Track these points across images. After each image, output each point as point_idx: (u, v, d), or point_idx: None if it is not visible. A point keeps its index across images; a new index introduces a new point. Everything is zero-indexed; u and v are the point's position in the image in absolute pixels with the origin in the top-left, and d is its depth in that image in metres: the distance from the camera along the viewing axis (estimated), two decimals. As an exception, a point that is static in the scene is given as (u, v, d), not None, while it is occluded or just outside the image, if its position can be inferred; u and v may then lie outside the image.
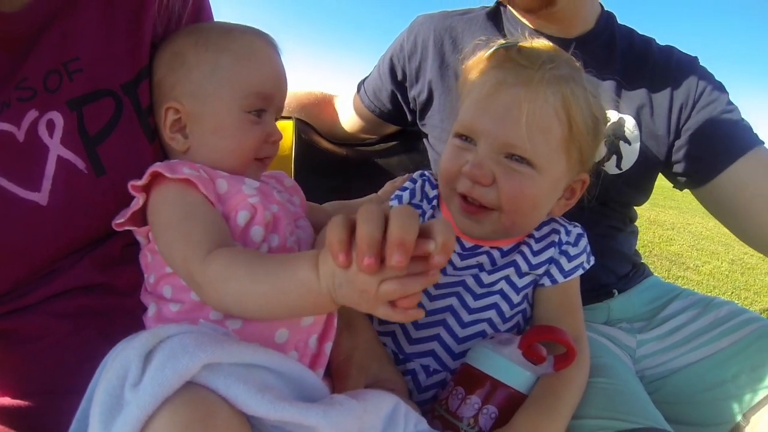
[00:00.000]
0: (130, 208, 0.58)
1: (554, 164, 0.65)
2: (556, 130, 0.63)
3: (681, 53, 0.97)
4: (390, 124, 1.15)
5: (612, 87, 0.91)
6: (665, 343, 0.92)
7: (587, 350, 0.73)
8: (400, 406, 0.53)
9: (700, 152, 0.90)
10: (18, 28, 0.54)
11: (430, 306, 0.71)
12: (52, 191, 0.56)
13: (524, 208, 0.66)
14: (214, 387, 0.40)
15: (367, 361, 0.63)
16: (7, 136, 0.54)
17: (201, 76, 0.60)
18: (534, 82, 0.61)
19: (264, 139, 0.63)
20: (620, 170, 0.92)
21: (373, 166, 1.19)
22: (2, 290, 0.55)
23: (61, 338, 0.57)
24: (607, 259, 0.94)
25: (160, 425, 0.37)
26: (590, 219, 0.82)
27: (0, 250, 0.53)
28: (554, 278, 0.73)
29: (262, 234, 0.58)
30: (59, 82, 0.57)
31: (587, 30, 0.94)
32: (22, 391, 0.56)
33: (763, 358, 0.82)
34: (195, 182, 0.54)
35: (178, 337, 0.42)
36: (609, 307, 0.96)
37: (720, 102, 0.90)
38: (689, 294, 1.00)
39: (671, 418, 0.87)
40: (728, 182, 0.88)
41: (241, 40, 0.63)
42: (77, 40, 0.58)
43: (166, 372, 0.38)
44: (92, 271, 0.60)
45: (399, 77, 1.05)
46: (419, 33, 1.01)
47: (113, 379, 0.41)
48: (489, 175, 0.63)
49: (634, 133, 0.91)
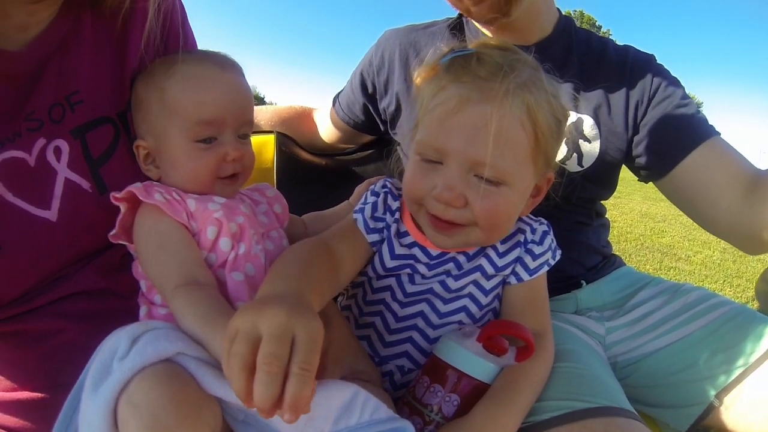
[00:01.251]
0: (118, 219, 0.65)
1: (523, 176, 0.64)
2: (524, 142, 0.61)
3: (637, 51, 1.00)
4: (365, 134, 1.21)
5: (570, 89, 0.93)
6: (635, 329, 0.95)
7: (551, 344, 0.75)
8: (359, 396, 0.55)
9: (658, 146, 0.94)
10: (22, 66, 0.61)
11: (401, 312, 0.74)
12: (61, 209, 0.63)
13: (499, 224, 0.66)
14: (185, 366, 0.47)
15: (342, 354, 0.67)
16: (21, 161, 0.61)
17: (152, 115, 0.67)
18: (499, 97, 0.58)
19: (218, 161, 0.67)
20: (582, 167, 0.95)
21: (352, 174, 1.25)
22: (14, 296, 0.61)
23: (68, 337, 0.64)
24: (574, 252, 0.97)
25: (135, 382, 0.44)
26: (555, 215, 0.84)
27: (15, 262, 0.60)
28: (520, 277, 0.74)
29: (230, 243, 0.63)
30: (63, 113, 0.64)
31: (545, 36, 0.98)
32: (34, 385, 0.63)
33: (733, 340, 0.85)
34: (162, 209, 0.61)
35: (163, 330, 0.51)
36: (577, 297, 0.99)
37: (675, 96, 0.94)
38: (659, 282, 1.03)
39: (646, 401, 0.91)
40: (686, 172, 0.91)
41: (181, 73, 0.66)
42: (75, 76, 0.65)
43: (148, 349, 0.46)
44: (95, 277, 0.67)
45: (369, 90, 1.10)
46: (386, 48, 1.06)
47: (105, 353, 0.49)
48: (461, 198, 0.61)
49: (593, 132, 0.94)
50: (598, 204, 1.06)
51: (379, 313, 0.75)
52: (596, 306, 1.00)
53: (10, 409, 0.63)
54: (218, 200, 0.67)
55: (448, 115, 0.60)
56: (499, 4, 0.86)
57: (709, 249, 4.77)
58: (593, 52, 0.99)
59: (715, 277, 3.88)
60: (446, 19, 1.08)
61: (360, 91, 1.12)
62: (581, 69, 0.96)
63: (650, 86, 0.95)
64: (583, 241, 1.01)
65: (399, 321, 0.74)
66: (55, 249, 0.63)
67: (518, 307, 0.75)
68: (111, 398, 0.44)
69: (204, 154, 0.66)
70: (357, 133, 1.21)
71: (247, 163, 0.71)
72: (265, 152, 1.17)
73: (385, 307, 0.75)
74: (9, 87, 0.60)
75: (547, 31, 0.99)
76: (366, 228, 0.72)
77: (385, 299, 0.75)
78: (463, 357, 0.65)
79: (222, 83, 0.67)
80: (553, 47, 0.96)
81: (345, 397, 0.54)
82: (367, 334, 0.76)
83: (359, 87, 1.12)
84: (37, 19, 0.62)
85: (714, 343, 0.87)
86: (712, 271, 4.09)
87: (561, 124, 0.66)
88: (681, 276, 3.83)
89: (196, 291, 0.56)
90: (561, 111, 0.66)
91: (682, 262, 4.23)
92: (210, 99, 0.65)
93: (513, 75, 0.60)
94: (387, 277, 0.75)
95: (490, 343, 0.66)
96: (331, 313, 0.71)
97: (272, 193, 0.80)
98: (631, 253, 4.21)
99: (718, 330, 0.88)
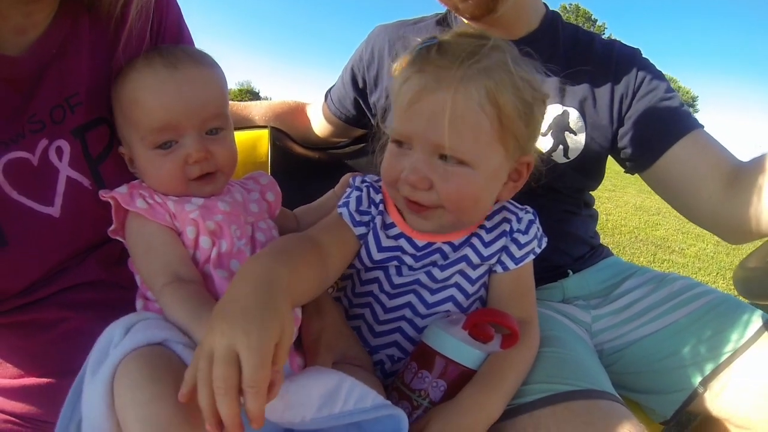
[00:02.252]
0: (113, 214, 0.68)
1: (489, 158, 0.65)
2: (486, 125, 0.62)
3: (623, 46, 1.02)
4: (356, 128, 1.23)
5: (556, 82, 0.96)
6: (620, 317, 0.97)
7: (537, 331, 0.77)
8: (343, 384, 0.56)
9: (642, 138, 0.95)
10: (23, 71, 0.63)
11: (389, 303, 0.76)
12: (63, 205, 0.66)
13: (466, 206, 0.67)
14: (173, 350, 0.52)
15: (334, 340, 0.69)
16: (25, 161, 0.63)
17: (118, 124, 0.70)
18: (454, 82, 0.61)
19: (180, 165, 0.66)
20: (568, 159, 0.97)
21: (345, 168, 1.26)
22: (20, 288, 0.64)
23: (73, 325, 0.67)
24: (561, 242, 0.99)
25: (125, 361, 0.49)
26: (544, 204, 0.86)
27: (21, 256, 0.63)
28: (506, 265, 0.75)
29: (209, 241, 0.66)
30: (63, 115, 0.66)
31: (531, 30, 1.00)
32: (40, 372, 0.66)
33: (718, 328, 0.87)
34: (143, 215, 0.65)
35: (154, 320, 0.56)
36: (563, 286, 1.01)
37: (659, 90, 0.95)
38: (645, 271, 1.05)
39: (631, 387, 0.93)
40: (669, 163, 0.93)
41: (130, 80, 0.66)
42: (74, 78, 0.67)
43: (138, 336, 0.51)
44: (96, 269, 0.70)
45: (360, 85, 1.12)
46: (375, 43, 1.08)
47: (103, 342, 0.54)
48: (426, 180, 0.64)
49: (579, 125, 0.96)
50: (586, 194, 1.08)
51: (368, 305, 0.77)
52: (583, 295, 1.02)
53: (17, 395, 0.65)
54: (195, 201, 0.68)
55: (411, 103, 0.64)
56: (486, 0, 0.87)
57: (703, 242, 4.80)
58: (579, 46, 1.01)
59: (708, 270, 3.92)
60: (435, 14, 1.09)
61: (351, 85, 1.13)
62: (567, 63, 0.97)
63: (635, 80, 0.96)
64: (571, 231, 1.03)
65: (387, 312, 0.76)
66: (59, 243, 0.66)
67: (504, 295, 0.76)
68: (107, 380, 0.48)
69: (164, 161, 0.66)
70: (348, 127, 1.23)
71: (220, 160, 0.69)
72: (260, 147, 1.18)
73: (374, 299, 0.77)
74: (11, 91, 0.62)
75: (534, 26, 1.00)
76: (352, 221, 0.74)
77: (373, 291, 0.77)
78: (450, 344, 0.67)
79: (171, 84, 0.65)
80: (539, 41, 0.97)
81: (328, 386, 0.55)
82: (357, 325, 0.78)
83: (350, 82, 1.13)
84: (34, 22, 0.63)
85: (698, 331, 0.88)
86: (705, 263, 4.13)
87: (531, 106, 0.66)
88: (674, 268, 3.86)
89: (181, 288, 0.60)
90: (531, 94, 0.66)
91: (676, 255, 4.26)
92: (157, 104, 0.64)
93: (471, 61, 0.61)
94: (375, 269, 0.76)
95: (476, 331, 0.68)
96: (323, 300, 0.73)
97: (266, 181, 0.81)
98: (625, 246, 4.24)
99: (702, 318, 0.90)
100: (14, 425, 0.64)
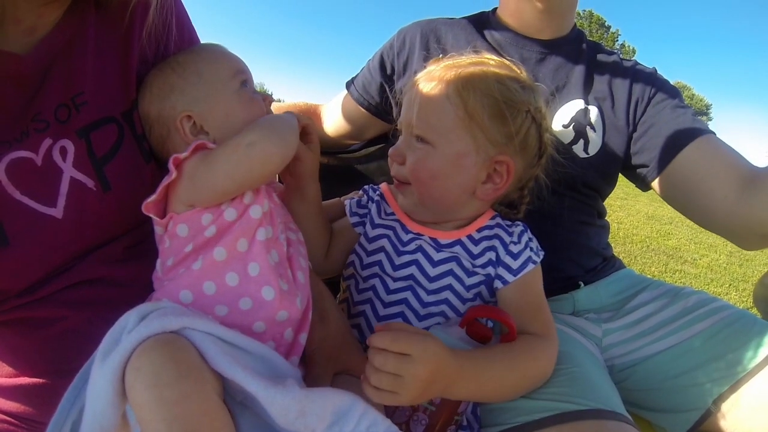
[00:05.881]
0: (162, 183, 0.64)
1: (451, 141, 0.72)
2: (449, 111, 0.71)
3: (642, 65, 1.06)
4: (376, 118, 1.20)
5: (580, 80, 1.01)
6: (633, 332, 0.95)
7: (554, 347, 0.74)
8: (356, 406, 0.55)
9: (655, 142, 0.97)
10: (29, 69, 0.62)
11: (388, 299, 0.77)
12: (66, 206, 0.65)
13: (423, 178, 0.75)
14: (191, 339, 0.50)
15: (335, 351, 0.68)
16: (28, 161, 0.62)
17: (192, 86, 0.69)
18: (431, 76, 0.74)
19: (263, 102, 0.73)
20: (588, 154, 0.98)
21: (355, 172, 1.26)
22: (21, 288, 0.63)
23: (70, 324, 0.65)
24: (574, 252, 0.99)
25: (139, 349, 0.47)
26: (559, 213, 0.85)
27: (23, 257, 0.62)
28: (505, 279, 0.75)
29: (260, 214, 0.64)
30: (68, 114, 0.65)
31: (561, 36, 1.04)
32: (37, 371, 0.65)
33: (733, 345, 0.85)
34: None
35: (171, 307, 0.54)
36: (574, 298, 0.99)
37: (673, 100, 0.98)
38: (659, 285, 1.02)
39: (642, 405, 0.91)
40: (682, 165, 0.93)
41: (201, 50, 0.74)
42: (79, 77, 0.66)
43: (153, 323, 0.49)
44: (96, 266, 0.69)
45: (388, 71, 1.13)
46: (407, 33, 1.11)
47: (116, 329, 0.52)
48: (401, 155, 0.76)
49: (599, 123, 0.99)
50: (600, 203, 1.07)
51: (368, 301, 0.78)
52: (594, 308, 1.00)
53: (11, 395, 0.65)
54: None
55: (404, 94, 0.80)
56: None
57: (716, 252, 4.73)
58: (601, 56, 1.06)
59: (721, 281, 3.86)
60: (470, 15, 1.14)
61: (379, 71, 1.14)
62: (588, 66, 1.02)
63: (650, 89, 1.00)
64: (583, 242, 1.01)
65: (387, 307, 0.77)
66: (61, 244, 0.65)
67: (512, 309, 0.75)
68: (118, 367, 0.47)
69: (252, 99, 0.72)
70: (366, 121, 1.21)
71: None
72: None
73: (374, 294, 0.78)
74: (17, 89, 0.62)
75: (565, 32, 1.05)
76: (349, 212, 0.86)
77: (374, 285, 0.79)
78: (449, 343, 0.66)
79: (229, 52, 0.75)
80: (567, 45, 1.04)
81: (341, 404, 0.54)
82: (357, 323, 0.79)
83: (378, 68, 1.14)
84: (44, 22, 0.63)
85: (713, 348, 0.86)
86: (717, 274, 4.06)
87: (501, 106, 0.71)
88: (686, 279, 3.81)
89: None
90: (507, 95, 0.72)
91: (688, 265, 4.20)
92: (231, 59, 0.73)
93: (455, 68, 0.74)
94: (372, 265, 0.79)
95: (472, 330, 0.68)
96: (328, 307, 0.72)
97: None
98: (637, 255, 4.19)
99: (717, 335, 0.87)
100: (9, 425, 0.64)
